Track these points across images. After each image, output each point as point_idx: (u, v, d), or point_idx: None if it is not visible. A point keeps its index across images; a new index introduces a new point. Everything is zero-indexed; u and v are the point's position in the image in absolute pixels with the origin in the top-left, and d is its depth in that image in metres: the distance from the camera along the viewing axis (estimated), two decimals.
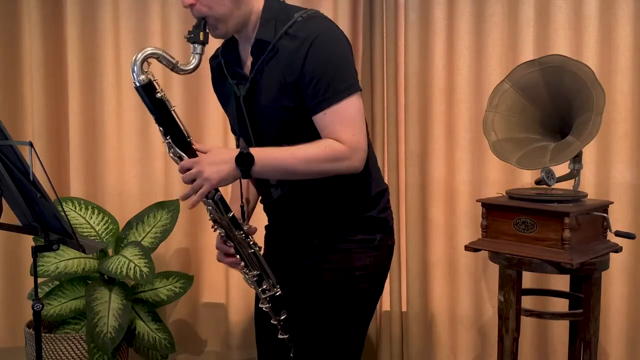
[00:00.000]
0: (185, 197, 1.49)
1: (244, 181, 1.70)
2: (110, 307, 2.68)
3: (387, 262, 1.72)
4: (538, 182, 2.29)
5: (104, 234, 2.89)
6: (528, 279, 2.73)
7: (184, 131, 1.51)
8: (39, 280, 2.12)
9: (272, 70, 1.53)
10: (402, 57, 2.89)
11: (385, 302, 3.01)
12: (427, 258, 2.94)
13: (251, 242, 1.64)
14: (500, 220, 2.26)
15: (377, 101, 2.91)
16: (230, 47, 1.65)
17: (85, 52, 3.10)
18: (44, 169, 1.69)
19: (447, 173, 2.89)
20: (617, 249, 2.28)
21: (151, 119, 3.47)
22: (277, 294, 1.68)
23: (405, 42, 2.86)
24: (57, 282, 2.83)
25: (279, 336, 1.72)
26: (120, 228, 2.93)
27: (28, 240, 3.02)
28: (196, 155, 1.50)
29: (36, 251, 1.82)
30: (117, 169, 3.16)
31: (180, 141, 1.50)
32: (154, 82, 1.47)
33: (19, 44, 3.17)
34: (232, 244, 1.63)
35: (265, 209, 1.78)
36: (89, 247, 1.83)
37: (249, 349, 3.10)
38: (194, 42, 1.50)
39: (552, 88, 2.29)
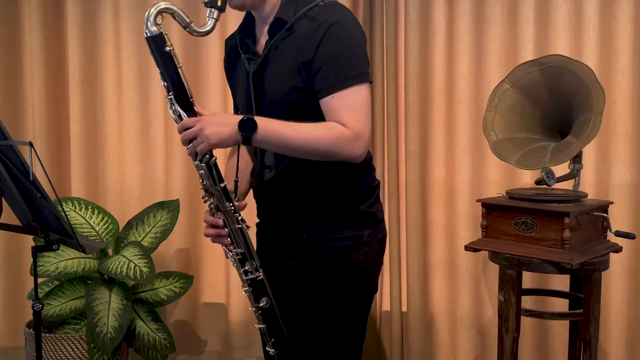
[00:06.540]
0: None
1: (241, 161, 1.71)
2: (110, 307, 2.68)
3: (378, 256, 1.70)
4: (538, 182, 2.29)
5: (104, 234, 2.89)
6: (528, 279, 2.73)
7: (187, 90, 1.51)
8: (39, 280, 2.12)
9: (286, 49, 1.55)
10: (402, 57, 2.89)
11: (385, 302, 3.01)
12: (427, 258, 2.94)
13: (239, 218, 1.60)
14: (500, 220, 2.26)
15: (377, 101, 2.90)
16: (247, 25, 1.68)
17: (85, 51, 3.10)
18: (44, 169, 1.69)
19: (447, 173, 2.88)
20: (617, 249, 2.28)
21: (152, 118, 3.47)
22: (259, 278, 1.63)
23: (405, 42, 2.86)
24: (57, 282, 2.83)
25: (256, 325, 1.67)
26: (120, 228, 2.93)
27: (28, 240, 3.02)
28: (197, 116, 1.50)
29: (36, 251, 1.82)
30: (118, 169, 3.16)
31: (182, 99, 1.50)
32: (165, 36, 1.49)
33: (19, 44, 3.17)
34: (221, 215, 1.59)
35: (255, 195, 1.76)
36: (89, 247, 1.83)
37: (249, 349, 3.10)
38: (211, 7, 1.51)
39: (552, 88, 2.29)
